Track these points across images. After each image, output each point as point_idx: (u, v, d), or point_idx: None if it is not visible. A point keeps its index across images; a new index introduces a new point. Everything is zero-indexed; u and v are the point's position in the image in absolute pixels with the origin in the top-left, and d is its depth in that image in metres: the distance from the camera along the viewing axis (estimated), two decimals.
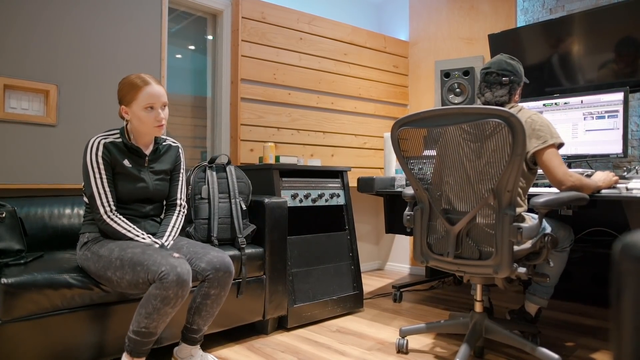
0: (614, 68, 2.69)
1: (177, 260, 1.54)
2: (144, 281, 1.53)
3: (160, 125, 1.76)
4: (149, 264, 1.53)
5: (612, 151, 2.49)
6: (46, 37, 2.22)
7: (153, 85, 1.73)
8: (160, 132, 1.78)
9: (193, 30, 3.14)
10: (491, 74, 1.96)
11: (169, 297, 1.49)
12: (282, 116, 3.21)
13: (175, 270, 1.50)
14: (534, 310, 2.20)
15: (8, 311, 1.51)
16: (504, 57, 1.99)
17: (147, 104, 1.72)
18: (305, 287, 2.48)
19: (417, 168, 1.88)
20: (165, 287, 1.48)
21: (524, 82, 1.99)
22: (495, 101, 1.95)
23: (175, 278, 1.49)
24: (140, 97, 1.71)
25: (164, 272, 1.49)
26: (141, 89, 1.71)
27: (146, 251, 1.59)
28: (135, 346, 1.53)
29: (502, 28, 3.29)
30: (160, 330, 1.55)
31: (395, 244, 4.08)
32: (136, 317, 1.53)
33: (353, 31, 3.63)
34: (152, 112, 1.73)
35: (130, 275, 1.56)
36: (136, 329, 1.52)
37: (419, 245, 1.96)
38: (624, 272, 0.52)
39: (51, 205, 2.14)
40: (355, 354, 2.06)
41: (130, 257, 1.58)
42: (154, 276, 1.50)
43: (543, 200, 1.67)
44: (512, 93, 1.96)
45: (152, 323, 1.51)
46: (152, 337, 1.54)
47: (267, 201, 2.32)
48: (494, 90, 1.95)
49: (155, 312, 1.50)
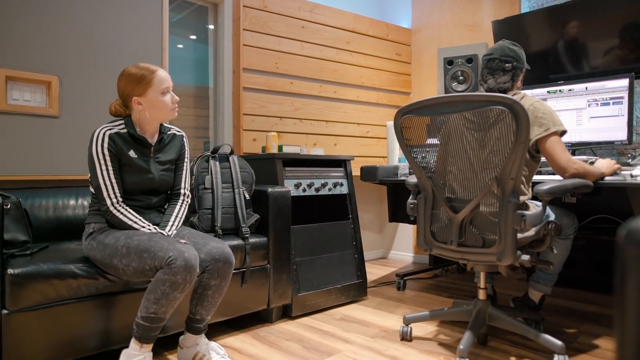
0: (618, 54, 2.67)
1: (184, 246, 1.56)
2: (151, 268, 1.55)
3: (175, 107, 1.82)
4: (155, 251, 1.54)
5: (617, 138, 2.48)
6: (47, 28, 2.21)
7: (161, 70, 1.78)
8: (175, 114, 1.83)
9: (194, 19, 3.12)
10: (494, 60, 1.94)
11: (177, 282, 1.51)
12: (285, 105, 3.20)
13: (182, 255, 1.52)
14: (538, 297, 2.20)
15: (15, 301, 1.53)
16: (507, 43, 1.97)
17: (164, 88, 1.76)
18: (309, 275, 2.49)
19: (421, 156, 1.88)
20: (174, 272, 1.50)
21: (526, 68, 1.98)
22: (498, 88, 1.94)
23: (183, 263, 1.51)
24: (156, 83, 1.75)
25: (171, 257, 1.51)
26: (154, 75, 1.75)
27: (152, 238, 1.61)
28: (143, 332, 1.55)
29: (506, 14, 3.26)
30: (168, 315, 1.57)
31: (399, 232, 4.09)
32: (144, 303, 1.54)
33: (355, 19, 3.60)
34: (168, 95, 1.78)
35: (137, 262, 1.57)
36: (145, 314, 1.54)
37: (423, 233, 1.96)
38: (628, 258, 0.52)
39: (55, 197, 2.15)
40: (360, 342, 2.07)
41: (137, 244, 1.59)
42: (161, 262, 1.52)
43: (547, 187, 1.66)
44: (515, 79, 1.94)
45: (160, 308, 1.53)
46: (161, 322, 1.56)
47: (270, 191, 2.32)
48: (496, 77, 1.94)
49: (163, 297, 1.52)
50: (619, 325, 0.54)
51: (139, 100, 1.75)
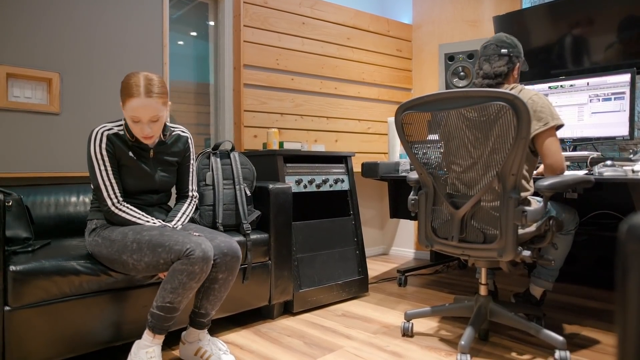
0: (620, 49, 2.66)
1: (199, 238, 1.60)
2: (166, 261, 1.58)
3: (146, 137, 1.71)
4: (171, 244, 1.57)
5: (618, 133, 2.47)
6: (48, 25, 2.21)
7: (142, 98, 1.63)
8: (148, 142, 1.75)
9: (194, 16, 3.11)
10: (490, 47, 1.96)
11: (195, 272, 1.55)
12: (286, 102, 3.19)
13: (200, 247, 1.56)
14: (539, 293, 2.20)
15: (17, 298, 1.53)
16: (503, 34, 1.99)
17: (132, 116, 1.66)
18: (311, 272, 2.49)
19: (422, 152, 1.87)
20: (192, 263, 1.54)
21: (522, 60, 1.98)
22: (494, 72, 1.93)
23: (201, 254, 1.55)
24: (127, 107, 1.65)
25: (189, 248, 1.55)
26: (130, 99, 1.63)
27: (164, 233, 1.62)
28: (158, 322, 1.58)
29: (507, 10, 3.24)
30: (183, 306, 1.60)
31: (400, 228, 4.09)
32: (160, 293, 1.58)
33: (356, 15, 3.59)
34: (137, 125, 1.68)
35: (150, 257, 1.59)
36: (160, 304, 1.57)
37: (424, 229, 1.96)
38: (630, 253, 0.52)
39: (57, 193, 2.15)
40: (361, 338, 2.08)
41: (148, 239, 1.61)
42: (178, 254, 1.55)
43: (547, 183, 1.66)
44: (511, 66, 1.93)
45: (177, 298, 1.56)
46: (175, 312, 1.59)
47: (271, 187, 2.32)
48: (492, 62, 1.94)
49: (181, 286, 1.55)
50: (620, 321, 0.54)
51: (122, 106, 1.69)
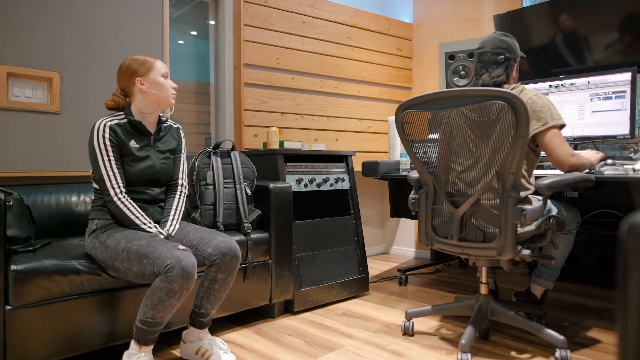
0: (621, 47, 2.65)
1: (182, 253, 1.55)
2: (150, 273, 1.55)
3: (174, 94, 1.88)
4: (154, 257, 1.54)
5: (619, 132, 2.47)
6: (48, 25, 2.20)
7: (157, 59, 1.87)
8: (173, 101, 1.87)
9: (195, 15, 3.11)
10: (485, 54, 1.94)
11: (174, 289, 1.51)
12: (286, 101, 3.19)
13: (180, 263, 1.51)
14: (540, 292, 2.20)
15: (18, 297, 1.53)
16: (497, 35, 1.96)
17: (164, 72, 1.84)
18: (311, 271, 2.49)
19: (422, 151, 1.87)
20: (170, 280, 1.50)
21: (520, 56, 1.97)
22: (493, 82, 1.92)
23: (180, 272, 1.50)
24: (157, 67, 1.82)
25: (168, 265, 1.50)
26: (152, 64, 1.82)
27: (151, 243, 1.60)
28: (142, 335, 1.56)
29: (508, 8, 3.24)
30: (167, 320, 1.58)
31: (400, 227, 4.09)
32: (142, 308, 1.55)
33: (356, 14, 3.59)
34: (167, 80, 1.85)
35: (137, 267, 1.58)
36: (142, 318, 1.55)
37: (424, 228, 1.96)
38: (631, 252, 0.52)
39: (58, 193, 2.15)
40: (362, 337, 2.08)
41: (136, 249, 1.59)
42: (159, 269, 1.52)
43: (547, 182, 1.66)
44: (509, 71, 1.93)
45: (157, 314, 1.53)
46: (159, 326, 1.57)
47: (272, 186, 2.32)
48: (490, 71, 1.93)
49: (160, 303, 1.52)
50: (621, 320, 0.54)
51: (142, 80, 1.78)
